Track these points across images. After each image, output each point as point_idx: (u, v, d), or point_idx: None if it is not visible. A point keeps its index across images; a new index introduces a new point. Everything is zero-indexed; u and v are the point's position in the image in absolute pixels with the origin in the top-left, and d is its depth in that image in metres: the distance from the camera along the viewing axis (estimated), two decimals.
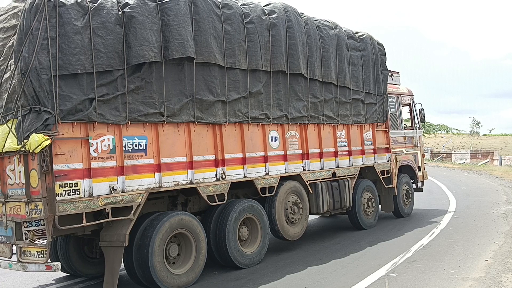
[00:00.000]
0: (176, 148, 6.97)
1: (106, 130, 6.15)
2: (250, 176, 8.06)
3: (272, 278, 7.17)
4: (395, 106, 12.19)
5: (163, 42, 6.68)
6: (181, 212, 7.08)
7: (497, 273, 6.79)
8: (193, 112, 7.12)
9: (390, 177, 11.50)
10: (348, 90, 10.30)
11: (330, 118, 9.82)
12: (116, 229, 6.31)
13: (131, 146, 6.42)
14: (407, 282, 6.60)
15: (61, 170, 5.67)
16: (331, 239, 10.04)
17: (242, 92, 7.92)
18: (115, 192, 6.16)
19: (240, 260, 7.68)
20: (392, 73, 12.36)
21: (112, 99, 6.17)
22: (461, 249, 8.39)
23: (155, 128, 6.70)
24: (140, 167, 6.51)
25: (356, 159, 10.61)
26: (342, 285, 6.64)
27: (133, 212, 6.30)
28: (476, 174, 27.12)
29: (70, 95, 5.76)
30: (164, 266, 6.58)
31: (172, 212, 6.89)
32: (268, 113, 8.39)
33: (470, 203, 14.26)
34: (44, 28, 5.59)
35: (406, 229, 10.66)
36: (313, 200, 9.43)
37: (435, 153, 46.18)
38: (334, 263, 7.94)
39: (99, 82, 6.02)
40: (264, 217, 8.27)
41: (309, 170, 9.30)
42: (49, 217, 5.53)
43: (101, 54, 6.01)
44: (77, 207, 5.75)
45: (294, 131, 9.07)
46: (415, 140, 12.85)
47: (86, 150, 5.93)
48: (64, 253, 7.58)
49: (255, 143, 8.23)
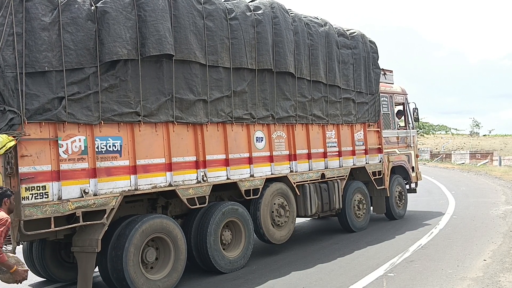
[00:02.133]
0: (154, 149, 6.70)
1: (77, 131, 5.88)
2: (234, 178, 7.80)
3: (270, 277, 7.08)
4: (388, 106, 11.91)
5: (140, 39, 6.42)
6: (158, 215, 6.82)
7: (495, 273, 6.74)
8: (172, 112, 6.85)
9: (382, 178, 11.23)
10: (338, 89, 10.03)
11: (319, 118, 9.55)
12: (88, 234, 6.05)
13: (105, 147, 6.15)
14: (405, 282, 6.54)
15: (28, 172, 5.40)
16: (329, 239, 9.90)
17: (225, 91, 7.65)
18: (87, 196, 5.89)
19: (221, 264, 7.42)
20: (385, 72, 12.10)
21: (84, 98, 5.90)
22: (459, 249, 8.34)
23: (131, 128, 6.43)
24: (114, 169, 6.24)
25: (347, 160, 10.34)
26: (340, 285, 6.53)
27: (106, 216, 6.04)
28: (476, 174, 26.94)
29: (37, 93, 5.49)
30: (139, 271, 6.32)
31: (149, 215, 6.63)
32: (253, 113, 8.12)
33: (469, 204, 14.16)
34: (9, 23, 5.32)
35: (404, 229, 10.55)
36: (300, 202, 9.17)
37: (435, 154, 45.81)
38: (332, 263, 7.84)
39: (69, 80, 5.75)
40: (249, 221, 8.00)
41: (296, 172, 9.04)
42: (14, 222, 5.25)
43: (71, 51, 5.74)
44: (45, 211, 5.49)
45: (281, 131, 8.80)
46: (409, 140, 12.57)
47: (55, 152, 5.65)
48: (40, 257, 7.31)
49: (239, 144, 7.96)
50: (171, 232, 6.75)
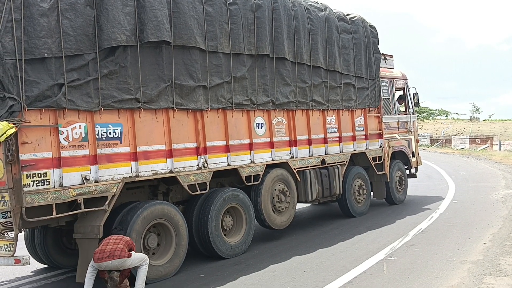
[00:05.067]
0: (154, 135, 6.69)
1: (77, 117, 5.86)
2: (234, 164, 7.80)
3: (271, 262, 7.12)
4: (388, 91, 11.88)
5: (139, 25, 6.37)
6: (159, 201, 6.82)
7: (495, 256, 6.79)
8: (172, 98, 6.83)
9: (382, 164, 11.24)
10: (338, 74, 9.99)
11: (319, 103, 9.52)
12: (90, 221, 6.07)
13: (105, 134, 6.14)
14: (405, 265, 6.60)
15: (29, 159, 5.39)
16: (330, 224, 9.95)
17: (225, 77, 7.61)
18: (88, 182, 5.89)
19: (223, 250, 7.46)
20: (386, 57, 12.02)
21: (84, 84, 5.87)
22: (459, 233, 8.40)
23: (131, 115, 6.41)
24: (115, 156, 6.23)
25: (347, 146, 10.34)
26: (340, 269, 6.57)
27: (108, 203, 6.05)
28: (476, 159, 26.97)
29: (37, 80, 5.46)
30: None
31: (150, 202, 6.64)
32: (253, 99, 8.09)
33: (469, 188, 14.23)
34: (8, 10, 5.26)
35: (404, 214, 10.61)
36: (301, 188, 9.19)
37: (435, 139, 45.80)
38: (332, 247, 7.89)
39: (68, 66, 5.72)
40: (250, 206, 8.03)
41: (297, 158, 9.04)
42: (15, 209, 5.27)
43: (70, 37, 5.69)
44: (46, 198, 5.49)
45: (281, 117, 8.78)
46: (409, 125, 12.55)
47: (55, 139, 5.64)
48: (42, 244, 7.36)
49: (240, 130, 7.95)
50: (173, 218, 6.78)
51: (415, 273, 6.22)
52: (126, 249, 5.71)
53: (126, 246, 5.73)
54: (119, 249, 5.65)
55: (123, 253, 5.64)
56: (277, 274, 6.54)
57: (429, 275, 6.10)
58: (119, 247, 5.66)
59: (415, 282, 5.83)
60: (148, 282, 6.02)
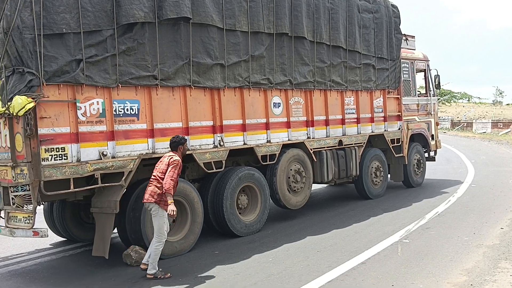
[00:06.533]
0: (171, 113, 6.71)
1: (95, 93, 5.91)
2: (250, 144, 7.80)
3: (285, 241, 7.16)
4: (409, 72, 11.67)
5: (157, 1, 6.34)
6: None
7: (511, 241, 6.69)
8: (189, 76, 6.82)
9: (400, 146, 11.12)
10: (358, 55, 9.84)
11: (338, 84, 9.42)
12: (107, 196, 6.15)
13: (122, 110, 6.18)
14: (420, 248, 6.57)
15: (47, 134, 5.47)
16: (345, 205, 9.95)
17: (243, 55, 7.56)
18: (105, 158, 5.96)
19: (237, 228, 7.51)
20: (407, 37, 11.79)
21: (102, 60, 5.90)
22: (476, 217, 8.33)
23: (148, 92, 6.44)
24: (132, 132, 6.28)
25: (365, 127, 10.24)
26: (354, 250, 6.58)
27: (124, 179, 6.12)
28: (497, 144, 26.55)
29: (55, 55, 5.50)
30: None
31: None
32: (270, 78, 8.04)
33: (489, 173, 14.05)
34: None
35: (421, 197, 10.53)
36: (317, 168, 9.17)
37: (456, 122, 45.09)
38: (347, 229, 7.90)
39: (87, 42, 5.74)
40: (265, 186, 8.04)
41: (313, 138, 8.99)
42: (34, 183, 5.37)
43: (88, 13, 5.70)
44: (64, 172, 5.58)
45: (299, 97, 8.72)
46: (429, 107, 12.35)
47: (73, 114, 5.70)
48: (61, 218, 7.51)
49: (256, 109, 7.92)
50: (188, 196, 6.83)
51: (430, 255, 6.19)
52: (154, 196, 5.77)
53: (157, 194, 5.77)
54: (148, 191, 5.82)
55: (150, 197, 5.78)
56: (291, 253, 6.57)
57: (443, 258, 6.07)
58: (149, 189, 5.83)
59: (429, 265, 5.81)
60: (162, 257, 6.11)
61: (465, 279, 5.28)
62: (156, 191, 5.77)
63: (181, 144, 6.04)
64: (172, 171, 5.74)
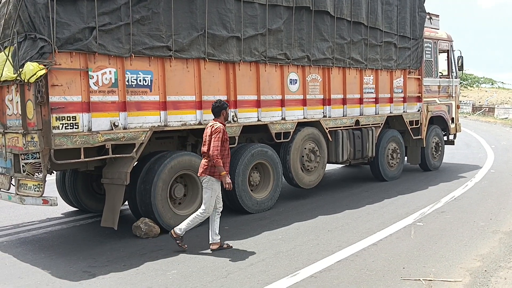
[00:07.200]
0: (184, 86, 6.60)
1: (107, 63, 5.81)
2: (265, 120, 7.67)
3: (296, 220, 7.10)
4: (431, 52, 11.33)
5: None
6: (187, 152, 6.80)
7: None
8: (204, 48, 6.68)
9: (419, 128, 10.88)
10: (379, 32, 9.56)
11: (357, 61, 9.18)
12: (118, 167, 6.12)
13: (135, 81, 6.08)
14: (434, 231, 6.45)
15: (58, 102, 5.40)
16: (360, 186, 9.82)
17: (260, 28, 7.38)
18: (116, 129, 5.89)
19: (249, 204, 7.44)
20: (431, 16, 11.42)
21: (115, 29, 5.78)
22: (494, 203, 8.15)
23: (162, 63, 6.32)
24: (144, 104, 6.19)
25: (383, 108, 10.01)
26: (365, 231, 6.48)
27: (135, 150, 6.06)
28: None
29: (68, 22, 5.40)
30: (167, 205, 6.40)
31: (178, 152, 6.63)
32: (288, 53, 7.85)
33: (509, 158, 13.76)
34: None
35: (438, 180, 10.34)
36: (332, 148, 9.01)
37: (477, 107, 44.20)
38: (360, 209, 7.79)
39: (100, 10, 5.62)
40: (278, 164, 7.93)
41: (329, 117, 8.82)
42: (44, 150, 5.34)
43: None
44: (75, 141, 5.53)
45: (316, 74, 8.52)
46: (451, 89, 12.02)
47: (85, 83, 5.62)
48: (72, 188, 7.53)
49: (272, 85, 7.76)
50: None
51: (444, 239, 6.05)
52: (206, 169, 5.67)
53: None
54: (201, 165, 5.76)
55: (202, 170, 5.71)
56: (301, 232, 6.48)
57: (458, 242, 5.91)
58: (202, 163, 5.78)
59: (442, 249, 5.66)
60: None
61: (479, 264, 5.14)
62: (206, 164, 5.64)
63: (223, 108, 5.78)
64: (216, 139, 5.53)
